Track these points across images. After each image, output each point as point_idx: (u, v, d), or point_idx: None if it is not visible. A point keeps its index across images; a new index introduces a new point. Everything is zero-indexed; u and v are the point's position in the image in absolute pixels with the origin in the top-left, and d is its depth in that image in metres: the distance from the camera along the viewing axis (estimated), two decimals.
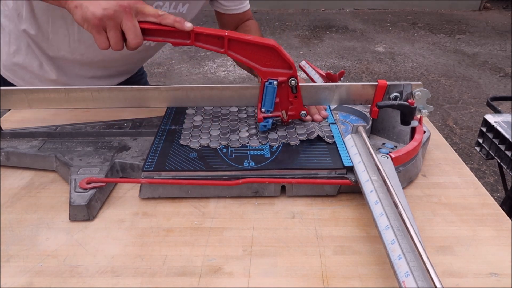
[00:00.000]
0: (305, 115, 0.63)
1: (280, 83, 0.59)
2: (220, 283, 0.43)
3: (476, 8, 5.51)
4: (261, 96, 0.60)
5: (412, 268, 0.38)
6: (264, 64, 0.58)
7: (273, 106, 0.60)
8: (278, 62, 0.58)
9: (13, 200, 0.56)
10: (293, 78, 0.59)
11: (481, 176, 1.94)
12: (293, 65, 0.58)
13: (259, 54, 0.57)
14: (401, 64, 3.47)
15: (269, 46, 0.56)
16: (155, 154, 0.58)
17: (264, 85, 0.59)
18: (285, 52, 0.57)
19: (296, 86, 0.59)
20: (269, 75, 0.58)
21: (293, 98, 0.61)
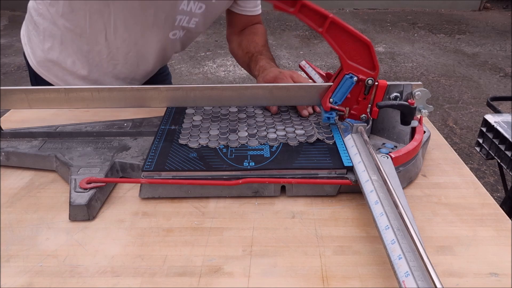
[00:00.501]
0: (365, 118, 0.62)
1: (359, 80, 0.58)
2: (220, 283, 0.43)
3: (476, 8, 5.51)
4: (336, 86, 0.60)
5: (412, 268, 0.38)
6: (351, 58, 0.57)
7: (342, 100, 0.60)
8: (365, 60, 0.57)
9: (13, 200, 0.56)
10: (371, 79, 0.58)
11: (481, 176, 1.94)
12: (378, 68, 0.58)
13: (351, 46, 0.56)
14: (401, 64, 3.48)
15: (365, 41, 0.56)
16: (155, 154, 0.58)
17: (343, 77, 0.58)
18: (375, 54, 0.57)
19: (371, 87, 0.59)
20: (352, 69, 0.58)
21: (362, 98, 0.60)
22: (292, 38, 4.18)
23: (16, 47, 3.88)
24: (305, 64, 0.86)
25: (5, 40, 4.11)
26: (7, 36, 4.24)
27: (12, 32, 4.40)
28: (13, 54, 3.70)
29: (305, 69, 0.85)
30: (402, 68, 3.38)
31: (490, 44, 4.06)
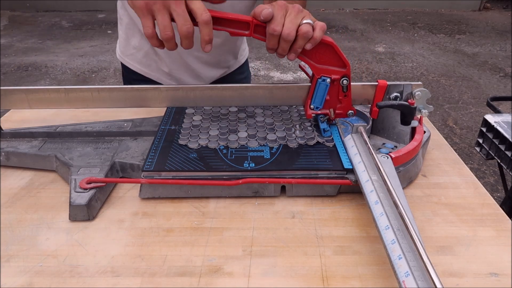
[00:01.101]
0: (352, 114, 0.62)
1: (333, 81, 0.58)
2: (220, 283, 0.43)
3: (476, 8, 5.51)
4: (312, 92, 0.60)
5: (412, 268, 0.38)
6: (318, 61, 0.58)
7: (322, 104, 0.60)
8: (333, 60, 0.57)
9: (13, 200, 0.56)
10: (345, 77, 0.58)
11: (481, 176, 1.94)
12: (348, 64, 0.58)
13: (315, 51, 0.57)
14: (401, 64, 3.48)
15: (327, 43, 0.56)
16: (155, 154, 0.58)
17: (316, 81, 0.58)
18: (341, 51, 0.57)
19: (347, 85, 0.59)
20: (322, 72, 0.58)
21: (342, 97, 0.60)
22: None
23: (16, 47, 3.88)
24: (305, 64, 0.86)
25: (5, 40, 4.12)
26: (7, 36, 4.24)
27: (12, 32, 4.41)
28: (13, 54, 3.70)
29: (305, 69, 0.85)
30: (402, 68, 3.38)
31: (490, 44, 4.06)
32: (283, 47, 0.54)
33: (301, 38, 0.53)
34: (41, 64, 3.46)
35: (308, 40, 0.54)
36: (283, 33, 0.52)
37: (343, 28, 4.58)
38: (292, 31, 0.52)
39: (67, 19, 4.96)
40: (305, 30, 0.53)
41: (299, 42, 0.54)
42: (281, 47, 0.54)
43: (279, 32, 0.52)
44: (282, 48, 0.54)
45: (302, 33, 0.53)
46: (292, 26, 0.52)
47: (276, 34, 0.52)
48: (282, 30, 0.52)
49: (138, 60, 0.88)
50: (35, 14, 5.18)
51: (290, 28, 0.52)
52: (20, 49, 3.82)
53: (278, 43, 0.54)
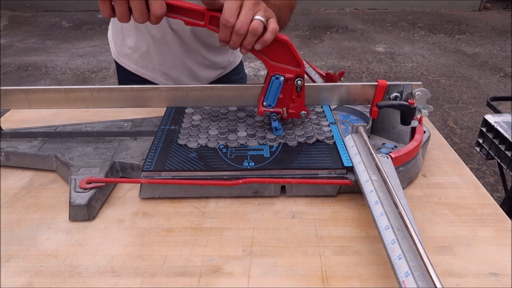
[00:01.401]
0: (305, 115, 0.62)
1: (286, 79, 0.58)
2: (220, 283, 0.43)
3: (476, 8, 5.51)
4: (265, 89, 0.59)
5: (412, 268, 0.38)
6: (273, 58, 0.57)
7: (275, 102, 0.60)
8: (287, 58, 0.57)
9: (13, 200, 0.56)
10: (299, 77, 0.58)
11: (481, 176, 1.94)
12: (302, 63, 0.58)
13: (270, 48, 0.56)
14: (401, 64, 3.48)
15: (282, 40, 0.56)
16: (154, 154, 0.58)
17: (270, 79, 0.58)
18: (296, 50, 0.57)
19: (301, 86, 0.59)
20: (277, 70, 0.58)
21: (296, 96, 0.60)
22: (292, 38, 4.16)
23: (16, 47, 3.89)
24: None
25: (5, 40, 4.12)
26: (7, 36, 4.24)
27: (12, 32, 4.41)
28: (13, 54, 3.71)
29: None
30: (402, 68, 3.39)
31: (490, 44, 4.06)
32: (234, 40, 0.53)
33: (250, 34, 0.52)
34: (41, 64, 3.46)
35: (257, 38, 0.53)
36: (236, 26, 0.51)
37: (343, 28, 4.58)
38: (244, 25, 0.51)
39: (67, 19, 4.96)
40: (255, 27, 0.51)
41: (249, 39, 0.52)
42: (232, 40, 0.53)
43: (232, 24, 0.51)
44: (233, 41, 0.53)
45: (252, 29, 0.51)
46: (245, 19, 0.51)
47: (229, 25, 0.51)
48: (235, 23, 0.51)
49: (134, 61, 0.88)
50: (35, 14, 5.18)
51: (243, 22, 0.51)
52: (20, 49, 3.83)
53: (230, 36, 0.53)
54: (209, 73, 0.93)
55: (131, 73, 0.90)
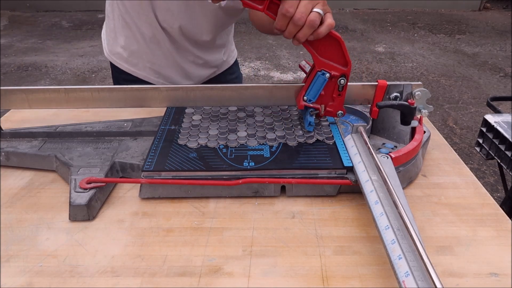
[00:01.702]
0: (341, 115, 0.62)
1: (331, 77, 0.58)
2: (220, 283, 0.43)
3: (476, 8, 5.51)
4: (309, 84, 0.59)
5: (412, 268, 0.38)
6: (322, 54, 0.57)
7: (316, 98, 0.60)
8: (337, 56, 0.57)
9: (13, 200, 0.56)
10: (344, 76, 0.58)
11: (481, 176, 1.94)
12: (350, 63, 0.57)
13: (322, 43, 0.56)
14: (401, 64, 3.48)
15: (335, 37, 0.55)
16: (154, 154, 0.58)
17: (316, 74, 0.58)
18: (346, 49, 0.56)
19: (344, 85, 0.59)
20: (324, 66, 0.58)
21: (336, 95, 0.60)
22: None
23: (16, 47, 3.89)
24: (305, 64, 0.86)
25: (5, 40, 4.12)
26: (7, 36, 4.24)
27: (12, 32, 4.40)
28: (13, 54, 3.71)
29: (305, 69, 0.85)
30: (402, 68, 3.38)
31: (490, 44, 4.06)
32: (291, 30, 0.53)
33: (307, 26, 0.52)
34: (41, 64, 3.46)
35: (313, 31, 0.53)
36: (294, 16, 0.51)
37: (343, 28, 4.58)
38: (303, 16, 0.51)
39: (67, 19, 4.96)
40: (312, 19, 0.51)
41: (305, 30, 0.52)
42: (288, 30, 0.53)
43: (292, 14, 0.51)
44: (289, 31, 0.53)
45: (309, 21, 0.51)
46: (305, 10, 0.51)
47: (288, 15, 0.51)
48: (295, 13, 0.51)
49: (124, 59, 0.89)
50: (35, 14, 5.18)
51: (302, 13, 0.51)
52: (20, 49, 3.82)
53: (287, 25, 0.53)
54: (202, 72, 0.93)
55: (123, 72, 0.90)
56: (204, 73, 0.93)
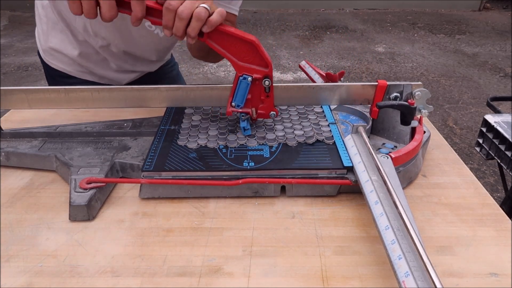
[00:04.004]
0: (274, 115, 0.62)
1: (254, 80, 0.58)
2: (220, 283, 0.43)
3: (476, 8, 5.51)
4: (234, 90, 0.59)
5: (412, 268, 0.38)
6: (241, 59, 0.57)
7: (243, 102, 0.60)
8: (255, 58, 0.57)
9: (13, 200, 0.56)
10: (267, 78, 0.58)
11: (481, 176, 1.94)
12: (270, 64, 0.57)
13: (238, 48, 0.56)
14: (401, 64, 3.48)
15: (249, 41, 0.56)
16: (154, 154, 0.58)
17: (238, 79, 0.58)
18: (263, 50, 0.57)
19: (269, 86, 0.59)
20: (244, 70, 0.58)
21: (265, 97, 0.60)
22: (292, 38, 4.18)
23: (16, 47, 3.89)
24: (305, 64, 0.86)
25: (5, 40, 4.12)
26: (7, 36, 4.24)
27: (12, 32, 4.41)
28: (13, 54, 3.71)
29: (305, 69, 0.85)
30: (402, 68, 3.39)
31: (490, 44, 4.06)
32: (178, 26, 0.52)
33: (195, 19, 0.52)
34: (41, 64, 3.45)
35: (203, 23, 0.52)
36: (178, 10, 0.51)
37: (343, 28, 4.58)
38: (186, 9, 0.51)
39: None
40: (198, 11, 0.51)
41: (193, 24, 0.52)
42: (176, 26, 0.53)
43: (175, 7, 0.51)
44: (177, 27, 0.53)
45: (195, 14, 0.51)
46: (189, 5, 0.51)
47: (171, 8, 0.51)
48: (179, 7, 0.51)
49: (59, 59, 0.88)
50: None
51: (185, 6, 0.51)
52: (20, 49, 3.83)
53: (173, 21, 0.52)
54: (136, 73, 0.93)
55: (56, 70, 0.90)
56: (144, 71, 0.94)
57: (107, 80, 0.91)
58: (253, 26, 4.61)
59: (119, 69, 0.89)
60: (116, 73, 0.90)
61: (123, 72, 0.90)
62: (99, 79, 0.90)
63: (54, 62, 0.89)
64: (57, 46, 0.85)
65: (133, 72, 0.92)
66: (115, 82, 0.92)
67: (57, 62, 0.88)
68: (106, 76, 0.90)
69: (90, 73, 0.89)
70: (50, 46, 0.86)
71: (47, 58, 0.89)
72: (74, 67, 0.88)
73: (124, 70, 0.90)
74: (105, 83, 0.91)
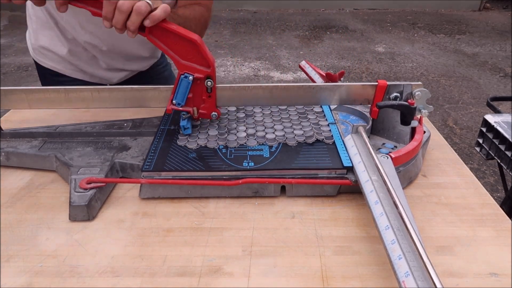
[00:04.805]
0: (215, 116, 0.62)
1: (196, 79, 0.58)
2: (220, 283, 0.43)
3: (476, 8, 5.51)
4: (175, 88, 0.59)
5: (412, 268, 0.38)
6: (183, 57, 0.57)
7: (184, 101, 0.60)
8: (197, 58, 0.57)
9: (13, 200, 0.56)
10: (209, 78, 0.58)
11: (481, 176, 1.94)
12: (212, 64, 0.57)
13: (180, 46, 0.56)
14: (401, 64, 3.48)
15: (190, 40, 0.55)
16: (154, 154, 0.58)
17: (179, 77, 0.58)
18: (206, 50, 0.57)
19: (211, 87, 0.59)
20: (186, 68, 0.58)
21: (206, 97, 0.60)
22: (292, 38, 4.18)
23: (16, 47, 3.89)
24: (305, 64, 0.86)
25: (5, 40, 4.12)
26: (7, 36, 4.24)
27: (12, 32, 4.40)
28: (13, 54, 3.71)
29: (305, 69, 0.85)
30: (402, 68, 3.38)
31: (490, 44, 4.06)
32: (118, 18, 0.52)
33: (134, 13, 0.52)
34: None
35: (143, 17, 0.52)
36: (119, 3, 0.51)
37: (343, 28, 4.58)
38: (127, 3, 0.51)
39: None
40: (139, 5, 0.51)
41: (132, 18, 0.52)
42: (115, 18, 0.53)
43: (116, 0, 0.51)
44: (116, 19, 0.52)
45: (136, 7, 0.51)
46: None
47: (112, 0, 0.51)
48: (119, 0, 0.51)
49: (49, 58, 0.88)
50: None
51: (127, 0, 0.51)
52: (20, 49, 3.82)
53: (113, 13, 0.52)
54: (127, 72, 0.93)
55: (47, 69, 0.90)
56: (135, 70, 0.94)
57: (98, 79, 0.90)
58: (253, 26, 4.61)
59: (109, 67, 0.89)
60: (106, 72, 0.90)
61: (113, 70, 0.90)
62: (90, 77, 0.90)
63: (45, 61, 0.89)
64: (46, 44, 0.85)
65: (123, 71, 0.92)
66: (106, 81, 0.92)
67: (47, 60, 0.89)
68: (96, 74, 0.89)
69: (80, 71, 0.89)
70: (40, 45, 0.86)
71: (38, 57, 0.89)
72: (64, 65, 0.88)
73: (114, 69, 0.90)
74: (96, 82, 0.91)
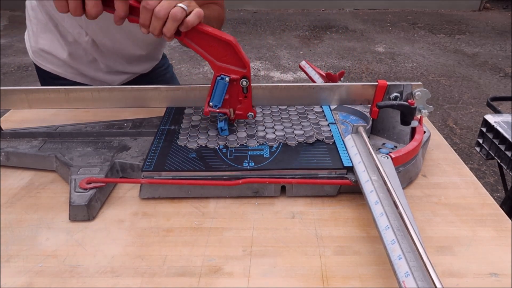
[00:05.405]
0: (252, 116, 0.62)
1: (232, 80, 0.58)
2: (220, 283, 0.43)
3: (476, 8, 5.51)
4: (211, 90, 0.59)
5: (412, 268, 0.38)
6: (219, 59, 0.57)
7: (221, 102, 0.60)
8: (233, 59, 0.57)
9: (13, 200, 0.56)
10: (245, 78, 0.58)
11: (481, 176, 1.94)
12: (248, 64, 0.57)
13: (216, 48, 0.56)
14: (401, 64, 3.48)
15: (226, 41, 0.55)
16: (154, 155, 0.58)
17: (215, 79, 0.58)
18: (241, 51, 0.57)
19: (247, 87, 0.59)
20: (222, 70, 0.58)
21: (242, 97, 0.60)
22: (292, 38, 4.18)
23: (16, 47, 3.89)
24: (305, 64, 0.86)
25: (5, 40, 4.12)
26: (7, 36, 4.24)
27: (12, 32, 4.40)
28: (13, 54, 3.70)
29: (305, 69, 0.85)
30: (402, 68, 3.38)
31: (490, 44, 4.06)
32: (154, 25, 0.53)
33: (171, 19, 0.52)
34: None
35: (179, 23, 0.53)
36: (155, 9, 0.51)
37: (343, 28, 4.58)
38: (163, 9, 0.51)
39: None
40: (174, 12, 0.52)
41: (168, 24, 0.52)
42: (152, 24, 0.53)
43: (153, 6, 0.51)
44: (153, 26, 0.53)
45: (172, 14, 0.52)
46: (167, 5, 0.52)
47: (148, 7, 0.51)
48: (156, 6, 0.51)
49: (49, 60, 0.88)
50: None
51: (163, 6, 0.51)
52: (20, 49, 3.82)
53: (150, 21, 0.53)
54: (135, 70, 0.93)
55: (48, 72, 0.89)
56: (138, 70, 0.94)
57: (99, 82, 0.90)
58: (253, 26, 4.61)
59: (109, 70, 0.88)
60: (107, 75, 0.89)
61: (114, 73, 0.90)
62: (90, 81, 0.90)
63: (44, 64, 0.88)
64: (46, 48, 0.85)
65: (124, 74, 0.92)
66: (107, 84, 0.91)
67: (47, 63, 0.88)
68: (97, 77, 0.89)
69: (81, 75, 0.88)
70: (40, 48, 0.86)
71: (37, 59, 0.89)
72: (65, 69, 0.87)
73: (115, 71, 0.89)
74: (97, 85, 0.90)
